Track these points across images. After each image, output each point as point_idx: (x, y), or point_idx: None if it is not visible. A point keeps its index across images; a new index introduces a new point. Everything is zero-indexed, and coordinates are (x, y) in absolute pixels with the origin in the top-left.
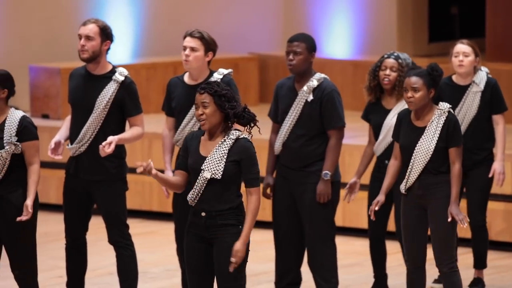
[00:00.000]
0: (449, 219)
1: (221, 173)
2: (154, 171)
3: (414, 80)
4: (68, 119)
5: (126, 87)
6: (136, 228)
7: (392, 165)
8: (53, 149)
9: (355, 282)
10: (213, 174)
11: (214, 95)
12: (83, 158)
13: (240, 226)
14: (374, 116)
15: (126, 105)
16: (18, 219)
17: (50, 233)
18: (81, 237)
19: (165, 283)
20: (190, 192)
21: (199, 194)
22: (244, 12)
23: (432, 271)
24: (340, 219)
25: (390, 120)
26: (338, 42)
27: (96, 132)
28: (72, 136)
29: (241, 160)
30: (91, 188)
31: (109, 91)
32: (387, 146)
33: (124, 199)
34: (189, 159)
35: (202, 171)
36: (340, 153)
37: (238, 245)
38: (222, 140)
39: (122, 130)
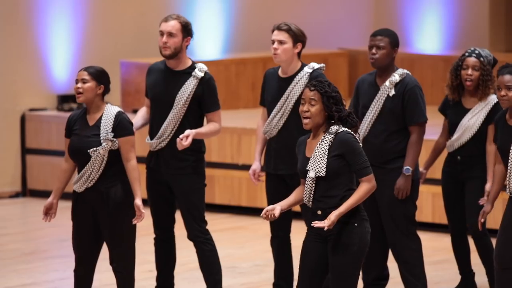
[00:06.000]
0: None
1: (324, 170)
2: (278, 211)
3: (508, 78)
4: (142, 109)
5: (206, 83)
6: (225, 223)
7: (498, 170)
8: None
9: (444, 279)
10: (317, 172)
11: (324, 95)
12: (163, 153)
13: (356, 224)
14: (452, 113)
15: (205, 101)
16: (134, 222)
17: (139, 228)
18: (169, 230)
19: (254, 278)
20: (304, 194)
21: (312, 194)
22: (334, 7)
23: None
24: (429, 216)
25: (468, 121)
26: (428, 37)
27: (177, 128)
28: (152, 131)
29: (343, 153)
30: (171, 181)
31: (189, 87)
32: (461, 145)
33: (202, 193)
34: (298, 164)
35: (308, 171)
36: (429, 149)
37: (332, 215)
38: (323, 137)
39: (200, 126)
